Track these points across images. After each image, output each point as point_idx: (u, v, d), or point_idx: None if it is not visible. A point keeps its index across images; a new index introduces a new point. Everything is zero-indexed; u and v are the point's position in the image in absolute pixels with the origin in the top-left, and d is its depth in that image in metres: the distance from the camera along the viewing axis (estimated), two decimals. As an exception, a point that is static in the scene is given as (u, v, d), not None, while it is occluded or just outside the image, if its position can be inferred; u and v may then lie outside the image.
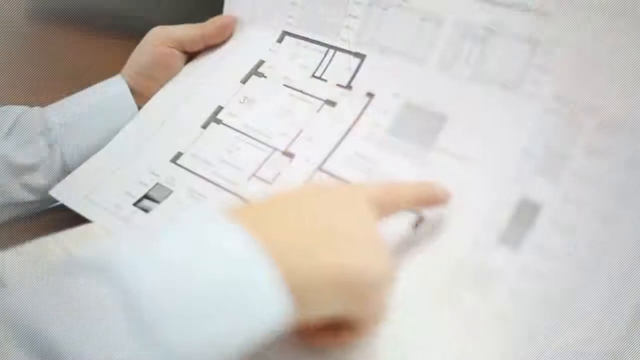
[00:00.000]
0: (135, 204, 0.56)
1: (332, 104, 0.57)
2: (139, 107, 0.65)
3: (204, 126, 0.61)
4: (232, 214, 0.34)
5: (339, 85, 0.58)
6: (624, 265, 0.40)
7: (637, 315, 0.39)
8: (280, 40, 0.64)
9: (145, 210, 0.55)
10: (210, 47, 0.67)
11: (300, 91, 0.60)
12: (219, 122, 0.60)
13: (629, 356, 0.38)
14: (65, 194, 0.59)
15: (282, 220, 0.36)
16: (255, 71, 0.63)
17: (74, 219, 0.56)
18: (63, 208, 0.58)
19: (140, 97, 0.65)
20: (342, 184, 0.43)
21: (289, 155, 0.55)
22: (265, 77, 0.62)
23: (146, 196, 0.56)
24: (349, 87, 0.58)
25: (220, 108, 0.61)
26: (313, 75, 0.60)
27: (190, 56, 0.68)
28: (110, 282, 0.29)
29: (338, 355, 0.40)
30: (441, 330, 0.41)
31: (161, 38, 0.66)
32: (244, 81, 0.63)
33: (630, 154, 0.44)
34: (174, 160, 0.59)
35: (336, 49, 0.60)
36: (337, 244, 0.35)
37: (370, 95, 0.56)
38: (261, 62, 0.64)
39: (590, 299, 0.40)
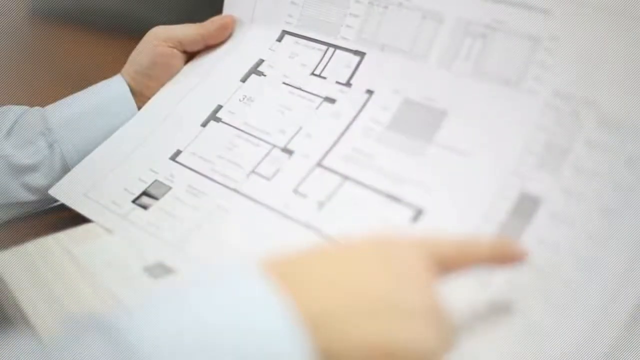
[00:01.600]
0: (133, 201, 0.56)
1: (331, 101, 0.57)
2: (139, 107, 0.65)
3: (204, 124, 0.60)
4: (268, 268, 0.32)
5: (338, 82, 0.58)
6: (625, 260, 0.40)
7: (638, 311, 0.38)
8: (280, 40, 0.64)
9: (144, 207, 0.55)
10: (210, 47, 0.67)
11: (299, 89, 0.60)
12: (218, 120, 0.60)
13: (629, 355, 0.38)
14: (63, 192, 0.59)
15: (323, 282, 0.33)
16: (255, 70, 0.63)
17: (74, 219, 0.56)
18: (63, 208, 0.58)
19: (140, 97, 0.65)
20: (402, 237, 0.36)
21: (288, 152, 0.55)
22: (264, 75, 0.62)
23: (145, 193, 0.56)
24: (348, 84, 0.58)
25: (219, 107, 0.61)
26: (312, 73, 0.60)
27: (190, 56, 0.68)
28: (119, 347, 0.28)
29: None
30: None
31: (161, 38, 0.66)
32: (243, 80, 0.63)
33: (631, 150, 0.43)
34: (173, 157, 0.59)
35: (336, 47, 0.60)
36: (383, 314, 0.32)
37: (369, 92, 0.56)
38: (261, 61, 0.64)
39: (590, 294, 0.40)
